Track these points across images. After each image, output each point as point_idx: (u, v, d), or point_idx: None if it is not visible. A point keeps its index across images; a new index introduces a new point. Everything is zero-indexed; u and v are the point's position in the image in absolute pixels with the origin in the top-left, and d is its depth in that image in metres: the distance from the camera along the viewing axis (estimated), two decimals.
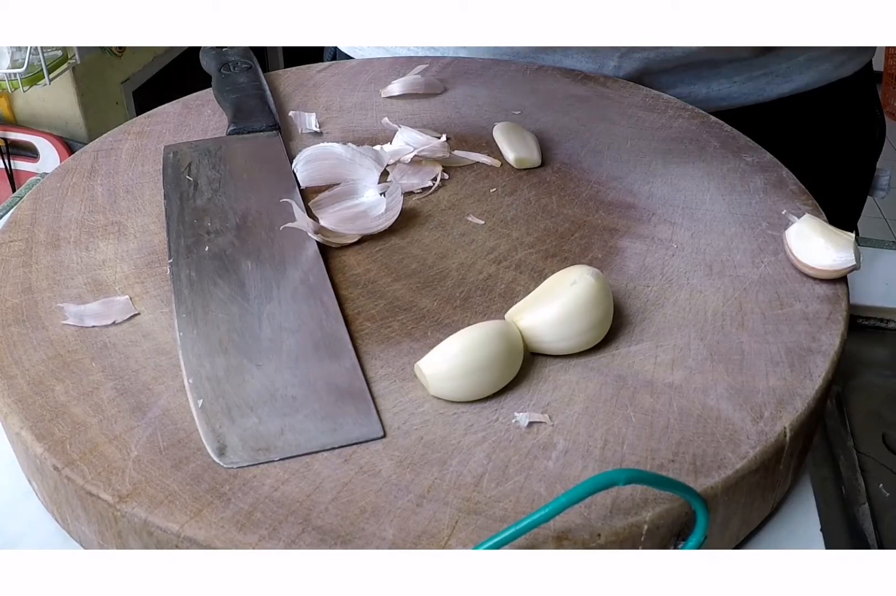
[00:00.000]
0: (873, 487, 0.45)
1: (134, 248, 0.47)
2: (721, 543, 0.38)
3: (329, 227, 0.47)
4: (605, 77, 0.63)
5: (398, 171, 0.52)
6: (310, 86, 0.63)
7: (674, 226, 0.48)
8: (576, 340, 0.39)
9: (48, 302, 0.43)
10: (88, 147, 0.56)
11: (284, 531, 0.32)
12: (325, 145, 0.51)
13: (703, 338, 0.41)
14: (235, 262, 0.45)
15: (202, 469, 0.35)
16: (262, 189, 0.50)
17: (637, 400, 0.38)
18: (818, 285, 0.44)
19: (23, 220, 0.49)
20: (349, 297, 0.43)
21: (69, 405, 0.37)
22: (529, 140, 0.55)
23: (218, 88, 0.60)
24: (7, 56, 1.29)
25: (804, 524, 0.40)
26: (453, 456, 0.35)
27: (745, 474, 0.35)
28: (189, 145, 0.55)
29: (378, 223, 0.47)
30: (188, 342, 0.40)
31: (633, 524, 0.33)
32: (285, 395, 0.37)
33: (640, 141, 0.56)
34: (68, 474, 0.35)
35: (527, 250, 0.46)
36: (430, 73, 0.63)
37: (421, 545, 0.32)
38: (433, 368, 0.37)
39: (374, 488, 0.34)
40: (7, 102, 1.53)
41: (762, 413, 0.37)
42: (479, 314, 0.42)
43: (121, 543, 0.35)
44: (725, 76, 0.67)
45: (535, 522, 0.30)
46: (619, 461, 0.35)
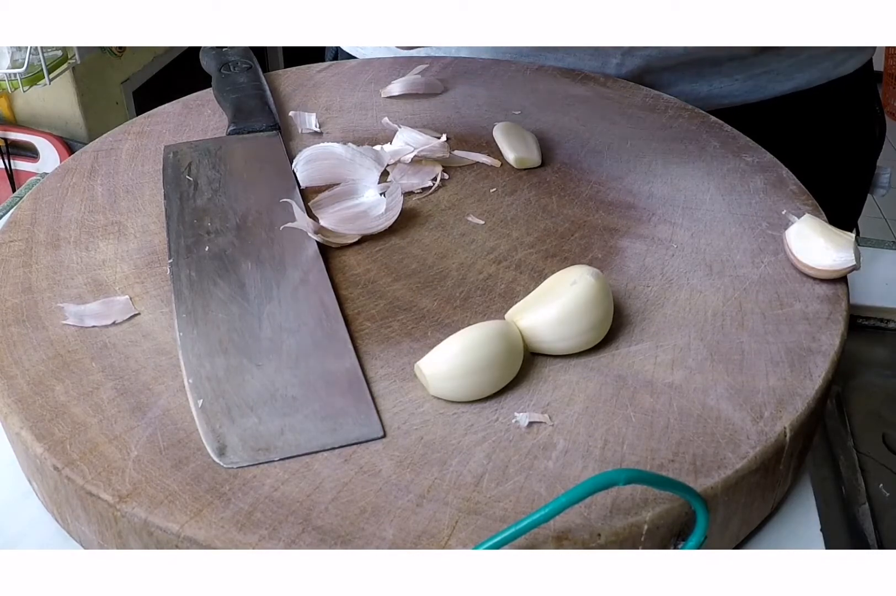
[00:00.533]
0: (873, 487, 0.45)
1: (134, 248, 0.47)
2: (721, 543, 0.38)
3: (329, 227, 0.47)
4: (606, 77, 0.63)
5: (398, 171, 0.52)
6: (310, 86, 0.63)
7: (674, 226, 0.48)
8: (576, 340, 0.39)
9: (48, 302, 0.43)
10: (88, 147, 0.56)
11: (284, 531, 0.32)
12: (325, 145, 0.51)
13: (703, 338, 0.41)
14: (235, 263, 0.45)
15: (202, 469, 0.35)
16: (262, 189, 0.50)
17: (637, 400, 0.38)
18: (818, 285, 0.44)
19: (23, 220, 0.49)
20: (349, 297, 0.43)
21: (69, 405, 0.37)
22: (529, 140, 0.55)
23: (218, 88, 0.60)
24: (7, 56, 1.29)
25: (804, 524, 0.40)
26: (453, 456, 0.35)
27: (745, 474, 0.35)
28: (189, 145, 0.55)
29: (378, 223, 0.47)
30: (188, 342, 0.40)
31: (633, 524, 0.33)
32: (285, 395, 0.37)
33: (640, 141, 0.56)
34: (68, 474, 0.35)
35: (527, 250, 0.46)
36: (430, 73, 0.63)
37: (421, 545, 0.32)
38: (433, 368, 0.37)
39: (374, 488, 0.34)
40: (7, 102, 1.53)
41: (762, 413, 0.37)
42: (479, 314, 0.42)
43: (121, 543, 0.35)
44: (726, 74, 0.67)
45: (535, 522, 0.30)
46: (619, 461, 0.35)
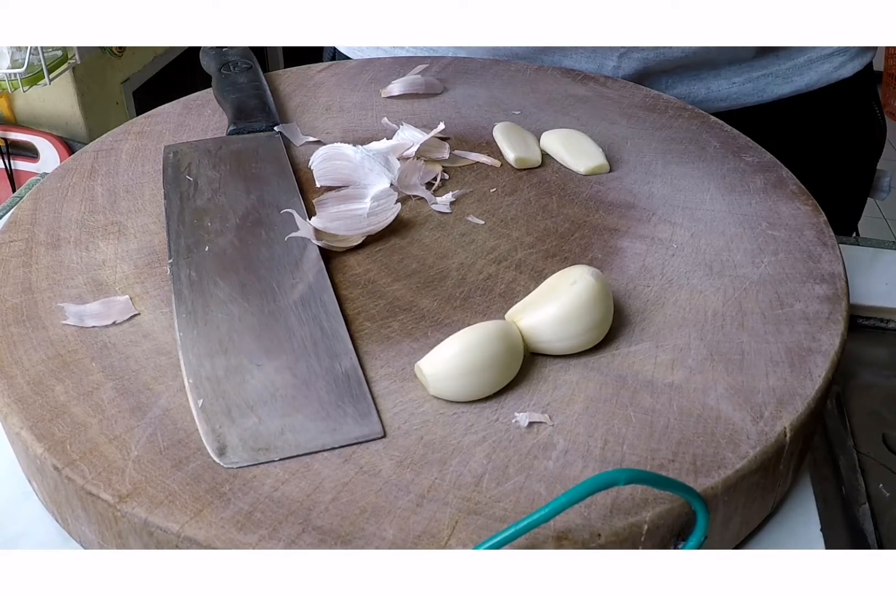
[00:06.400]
0: (873, 487, 0.45)
1: (134, 249, 0.47)
2: (721, 543, 0.38)
3: (320, 227, 0.46)
4: (605, 77, 0.63)
5: (399, 171, 0.52)
6: (310, 86, 0.63)
7: (674, 226, 0.48)
8: (576, 340, 0.39)
9: (48, 302, 0.43)
10: (88, 147, 0.56)
11: (284, 531, 0.32)
12: (339, 145, 0.51)
13: (703, 338, 0.41)
14: (235, 263, 0.45)
15: (202, 469, 0.35)
16: (262, 189, 0.50)
17: (637, 400, 0.38)
18: (818, 285, 0.44)
19: (23, 220, 0.49)
20: (349, 297, 0.43)
21: (69, 405, 0.37)
22: (529, 140, 0.55)
23: (218, 88, 0.60)
24: (7, 56, 1.29)
25: (804, 524, 0.40)
26: (453, 456, 0.35)
27: (745, 474, 0.35)
28: (189, 145, 0.55)
29: (373, 224, 0.47)
30: (188, 342, 0.40)
31: (633, 524, 0.33)
32: (285, 395, 0.37)
33: (640, 141, 0.56)
34: (68, 474, 0.35)
35: (527, 250, 0.46)
36: (430, 73, 0.63)
37: (421, 545, 0.32)
38: (433, 368, 0.37)
39: (374, 488, 0.34)
40: (7, 102, 1.53)
41: (762, 413, 0.37)
42: (479, 314, 0.42)
43: (121, 543, 0.35)
44: (725, 77, 0.67)
45: (535, 522, 0.30)
46: (619, 461, 0.35)
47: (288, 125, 0.56)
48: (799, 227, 0.48)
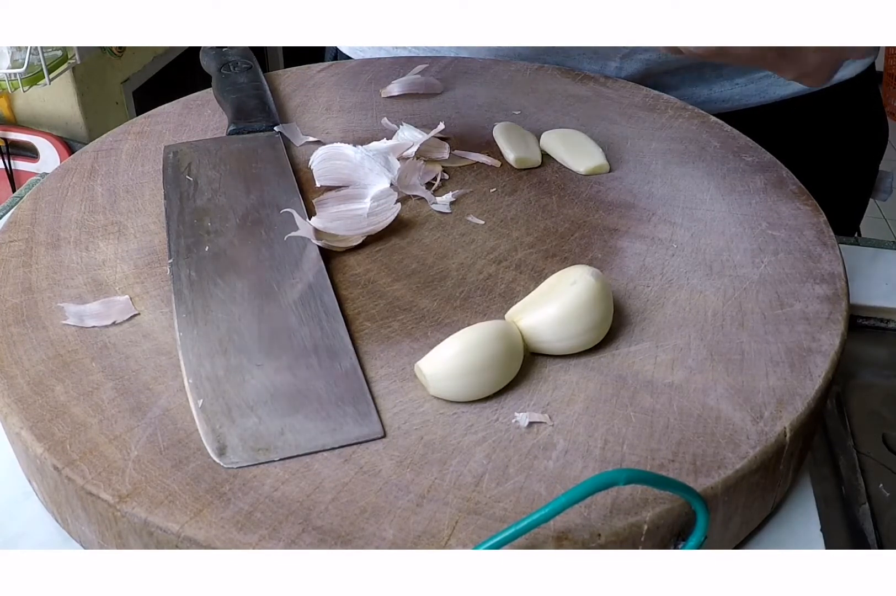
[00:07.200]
0: (873, 487, 0.45)
1: (134, 249, 0.47)
2: (721, 543, 0.38)
3: (320, 227, 0.46)
4: (606, 77, 0.63)
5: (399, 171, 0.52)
6: (310, 86, 0.63)
7: (674, 226, 0.48)
8: (576, 340, 0.39)
9: (48, 302, 0.43)
10: (88, 147, 0.56)
11: (284, 531, 0.32)
12: (339, 145, 0.51)
13: (703, 338, 0.41)
14: (235, 263, 0.45)
15: (202, 469, 0.35)
16: (262, 189, 0.50)
17: (637, 400, 0.38)
18: (818, 285, 0.44)
19: (23, 220, 0.49)
20: (349, 297, 0.43)
21: (69, 405, 0.37)
22: (529, 140, 0.55)
23: (218, 88, 0.60)
24: (7, 56, 1.29)
25: (804, 524, 0.40)
26: (453, 456, 0.35)
27: (745, 474, 0.35)
28: (189, 145, 0.55)
29: (373, 224, 0.47)
30: (188, 342, 0.40)
31: (633, 524, 0.33)
32: (285, 395, 0.37)
33: (640, 141, 0.56)
34: (68, 474, 0.35)
35: (527, 250, 0.46)
36: (430, 73, 0.63)
37: (421, 545, 0.32)
38: (433, 368, 0.37)
39: (374, 488, 0.34)
40: (7, 102, 1.53)
41: (762, 413, 0.37)
42: (479, 314, 0.42)
43: (121, 543, 0.35)
44: (727, 78, 0.67)
45: (535, 522, 0.30)
46: (619, 461, 0.35)
47: (288, 125, 0.56)
48: (799, 227, 0.48)
